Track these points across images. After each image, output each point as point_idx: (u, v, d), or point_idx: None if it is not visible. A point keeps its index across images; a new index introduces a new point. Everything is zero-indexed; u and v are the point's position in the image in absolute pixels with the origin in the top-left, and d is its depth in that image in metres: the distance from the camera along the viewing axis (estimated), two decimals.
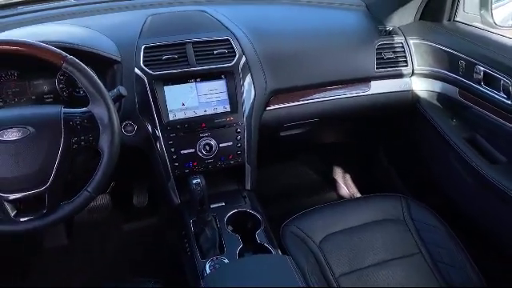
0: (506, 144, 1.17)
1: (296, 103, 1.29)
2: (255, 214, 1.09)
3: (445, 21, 1.36)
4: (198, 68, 1.12)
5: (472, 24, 1.30)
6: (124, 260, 1.58)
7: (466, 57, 1.20)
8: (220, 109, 1.15)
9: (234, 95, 1.15)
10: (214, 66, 1.14)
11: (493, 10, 1.27)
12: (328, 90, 1.32)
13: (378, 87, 1.38)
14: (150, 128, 1.10)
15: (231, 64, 1.15)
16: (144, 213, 1.72)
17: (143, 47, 1.11)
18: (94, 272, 1.54)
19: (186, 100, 1.13)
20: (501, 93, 1.10)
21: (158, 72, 1.09)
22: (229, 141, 1.14)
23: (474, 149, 1.24)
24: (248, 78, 1.17)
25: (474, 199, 1.29)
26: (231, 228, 1.05)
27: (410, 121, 1.47)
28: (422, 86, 1.39)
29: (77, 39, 1.03)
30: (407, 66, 1.38)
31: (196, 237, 1.01)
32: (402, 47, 1.38)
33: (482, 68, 1.15)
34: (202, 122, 1.12)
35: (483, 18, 1.28)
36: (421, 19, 1.42)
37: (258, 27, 1.28)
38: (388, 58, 1.36)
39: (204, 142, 1.11)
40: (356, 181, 1.87)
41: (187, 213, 1.09)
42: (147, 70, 1.09)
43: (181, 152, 1.11)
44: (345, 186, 1.91)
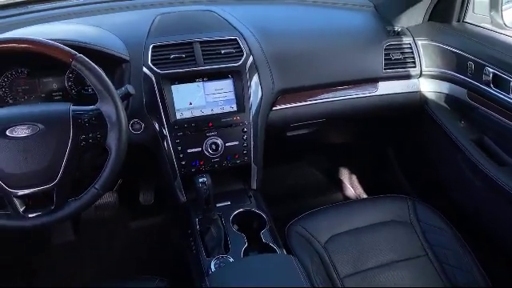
0: None
1: (303, 103, 1.28)
2: (261, 214, 1.09)
3: (454, 22, 1.35)
4: (206, 67, 1.13)
5: (481, 25, 1.29)
6: (130, 257, 1.59)
7: (475, 58, 1.20)
8: (227, 108, 1.15)
9: (241, 95, 1.15)
10: (222, 66, 1.14)
11: (503, 11, 1.26)
12: (335, 91, 1.32)
13: (386, 88, 1.37)
14: (158, 126, 1.10)
15: (238, 64, 1.15)
16: (150, 211, 1.73)
17: (151, 46, 1.12)
18: (101, 268, 1.56)
19: (194, 99, 1.13)
20: (510, 94, 1.09)
21: (166, 71, 1.10)
22: (235, 140, 1.15)
23: (482, 151, 1.23)
24: (255, 78, 1.17)
25: (482, 201, 1.28)
26: (236, 227, 1.05)
27: (418, 122, 1.46)
28: (430, 88, 1.39)
29: (86, 38, 1.04)
30: (415, 67, 1.37)
31: (201, 235, 1.01)
32: (411, 48, 1.37)
33: (492, 69, 1.14)
34: (209, 122, 1.13)
35: (493, 19, 1.27)
36: (430, 20, 1.42)
37: (266, 27, 1.28)
38: (396, 59, 1.35)
39: (211, 141, 1.12)
40: (362, 182, 1.86)
41: (193, 211, 1.09)
42: (155, 69, 1.09)
43: (187, 151, 1.11)
44: (351, 187, 1.91)
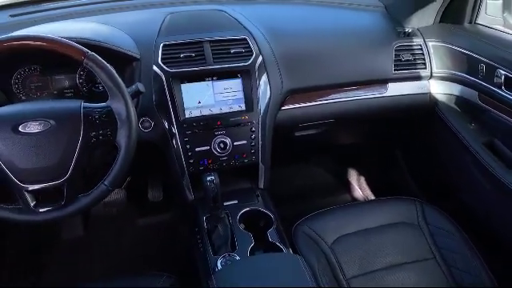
0: None
1: (312, 103, 1.28)
2: (268, 213, 1.09)
3: (466, 23, 1.34)
4: (215, 66, 1.13)
5: (494, 27, 1.28)
6: (138, 254, 1.61)
7: (487, 60, 1.18)
8: (235, 107, 1.16)
9: (250, 94, 1.16)
10: (231, 65, 1.15)
11: None
12: (344, 91, 1.32)
13: (396, 89, 1.36)
14: (167, 125, 1.11)
15: (248, 63, 1.15)
16: (158, 208, 1.75)
17: (162, 45, 1.13)
18: (109, 264, 1.57)
19: (203, 98, 1.14)
20: None
21: (176, 70, 1.11)
22: (243, 139, 1.15)
23: (493, 154, 1.21)
24: (264, 78, 1.17)
25: (491, 205, 1.26)
26: (243, 226, 1.06)
27: (428, 124, 1.45)
28: (441, 89, 1.38)
29: (98, 36, 1.05)
30: (425, 69, 1.36)
31: (208, 233, 1.02)
32: (421, 49, 1.37)
33: (504, 72, 1.12)
34: (218, 120, 1.13)
35: (506, 21, 1.26)
36: (441, 21, 1.41)
37: (276, 27, 1.28)
38: (406, 60, 1.34)
39: (219, 140, 1.13)
40: (370, 183, 1.85)
41: (201, 209, 1.10)
42: (165, 68, 1.10)
43: (196, 149, 1.12)
44: (359, 188, 1.90)
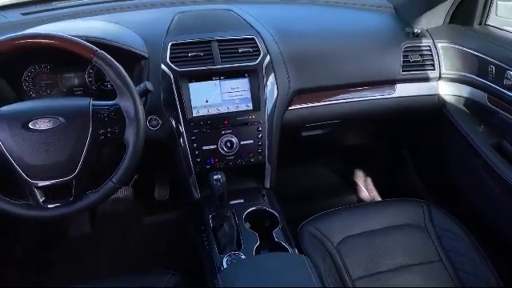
0: None
1: (319, 103, 1.28)
2: (273, 213, 1.09)
3: (476, 24, 1.33)
4: (223, 66, 1.14)
5: (504, 28, 1.27)
6: (144, 252, 1.62)
7: (497, 62, 1.17)
8: (242, 107, 1.16)
9: (257, 94, 1.16)
10: (238, 65, 1.15)
11: None
12: (352, 92, 1.32)
13: (404, 90, 1.36)
14: (174, 123, 1.12)
15: (255, 63, 1.16)
16: (165, 206, 1.76)
17: (170, 44, 1.13)
18: (116, 261, 1.59)
19: (210, 97, 1.14)
20: None
21: (184, 69, 1.11)
22: (250, 139, 1.15)
23: (502, 156, 1.20)
24: (271, 77, 1.18)
25: (500, 208, 1.25)
26: (249, 225, 1.06)
27: (435, 125, 1.44)
28: (449, 91, 1.37)
29: (107, 34, 1.06)
30: (434, 70, 1.35)
31: (214, 232, 1.02)
32: (430, 50, 1.36)
33: None
34: (225, 119, 1.13)
35: None
36: (450, 22, 1.40)
37: (284, 27, 1.28)
38: (414, 61, 1.34)
39: (226, 139, 1.13)
40: (377, 184, 1.85)
41: (207, 208, 1.10)
42: (173, 67, 1.11)
43: (203, 148, 1.13)
44: (365, 190, 1.89)
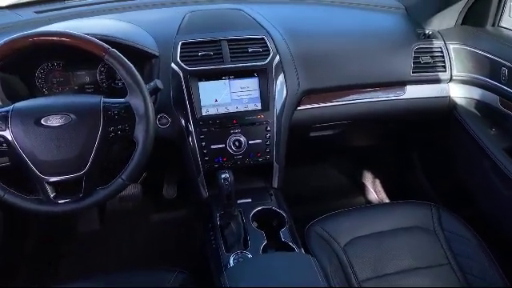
0: None
1: (328, 104, 1.28)
2: (281, 213, 1.09)
3: (488, 26, 1.31)
4: (232, 65, 1.14)
5: None
6: (152, 249, 1.63)
7: (510, 64, 1.16)
8: (251, 106, 1.16)
9: (266, 93, 1.16)
10: (248, 64, 1.15)
11: None
12: (362, 93, 1.31)
13: (414, 92, 1.35)
14: (184, 122, 1.12)
15: (265, 62, 1.16)
16: (172, 204, 1.77)
17: (180, 43, 1.14)
18: (124, 258, 1.60)
19: (219, 96, 1.15)
20: None
21: (194, 68, 1.12)
22: (258, 138, 1.15)
23: None
24: (281, 77, 1.17)
25: (510, 212, 1.23)
26: (256, 224, 1.06)
27: (446, 127, 1.43)
28: (460, 93, 1.35)
29: (119, 33, 1.07)
30: (445, 72, 1.34)
31: (222, 230, 1.03)
32: (441, 52, 1.34)
33: None
34: (234, 119, 1.14)
35: None
36: (463, 24, 1.38)
37: (294, 27, 1.28)
38: (425, 63, 1.33)
39: (234, 138, 1.13)
40: (385, 186, 1.83)
41: (215, 206, 1.11)
42: (183, 66, 1.12)
43: (211, 147, 1.13)
44: (374, 191, 1.88)
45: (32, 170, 0.84)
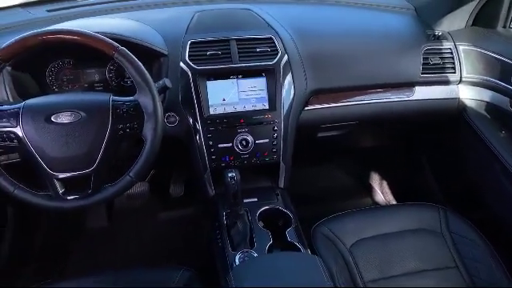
0: None
1: (336, 104, 1.28)
2: (287, 212, 1.10)
3: (499, 27, 1.30)
4: (241, 65, 1.14)
5: None
6: (159, 247, 1.64)
7: None
8: (259, 106, 1.16)
9: (274, 93, 1.16)
10: (256, 64, 1.15)
11: None
12: (370, 93, 1.30)
13: (423, 93, 1.34)
14: (191, 121, 1.13)
15: (273, 62, 1.16)
16: (179, 203, 1.78)
17: (189, 42, 1.15)
18: (131, 255, 1.61)
19: (227, 96, 1.15)
20: None
21: (202, 67, 1.12)
22: (265, 138, 1.16)
23: None
24: (289, 77, 1.18)
25: None
26: (262, 224, 1.06)
27: (455, 130, 1.42)
28: (470, 95, 1.34)
29: (128, 32, 1.08)
30: (455, 73, 1.33)
31: (228, 229, 1.03)
32: (451, 53, 1.33)
33: None
34: (241, 118, 1.14)
35: None
36: (473, 25, 1.37)
37: (303, 27, 1.28)
38: (435, 64, 1.32)
39: (241, 138, 1.14)
40: (393, 188, 1.82)
41: (221, 205, 1.11)
42: (192, 65, 1.12)
43: (218, 146, 1.14)
44: (381, 193, 1.87)
45: (42, 166, 0.85)
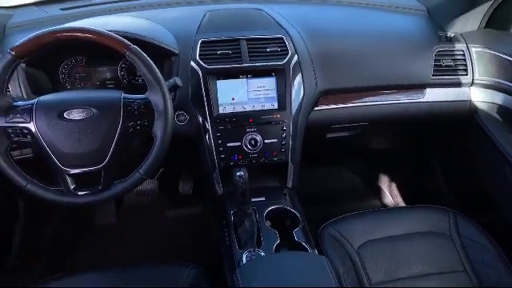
0: None
1: (345, 105, 1.27)
2: (294, 212, 1.10)
3: None
4: (250, 64, 1.15)
5: None
6: (167, 244, 1.65)
7: None
8: (268, 105, 1.17)
9: (283, 93, 1.16)
10: (266, 64, 1.16)
11: None
12: (380, 94, 1.30)
13: (434, 95, 1.32)
14: (201, 119, 1.14)
15: (283, 62, 1.16)
16: (188, 201, 1.79)
17: (200, 42, 1.15)
18: (139, 252, 1.63)
19: (237, 95, 1.16)
20: None
21: (213, 66, 1.13)
22: (274, 138, 1.16)
23: None
24: (298, 77, 1.18)
25: None
26: (269, 223, 1.06)
27: (466, 132, 1.40)
28: (482, 97, 1.32)
29: (140, 30, 1.09)
30: (467, 75, 1.32)
31: (235, 227, 1.04)
32: (463, 55, 1.32)
33: None
34: (250, 117, 1.15)
35: None
36: (486, 27, 1.35)
37: (313, 27, 1.28)
38: (446, 66, 1.30)
39: (250, 137, 1.14)
40: (402, 190, 1.81)
41: (229, 203, 1.12)
42: (202, 64, 1.13)
43: (227, 144, 1.14)
44: (389, 195, 1.86)
45: (53, 162, 0.86)
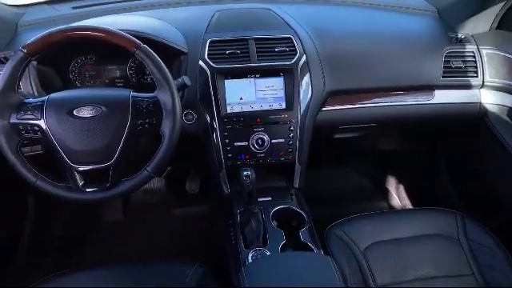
0: None
1: (353, 106, 1.27)
2: (301, 213, 1.09)
3: None
4: (259, 64, 1.15)
5: None
6: (173, 242, 1.66)
7: None
8: (276, 105, 1.17)
9: (291, 93, 1.16)
10: (274, 63, 1.16)
11: None
12: (388, 96, 1.29)
13: (443, 97, 1.31)
14: (209, 118, 1.14)
15: (291, 62, 1.16)
16: (194, 200, 1.80)
17: (209, 41, 1.16)
18: (145, 250, 1.64)
19: (244, 94, 1.16)
20: None
21: (221, 66, 1.14)
22: (281, 137, 1.16)
23: None
24: (306, 77, 1.17)
25: None
26: (276, 223, 1.07)
27: (475, 134, 1.39)
28: (492, 100, 1.31)
29: (150, 29, 1.10)
30: (477, 77, 1.30)
31: (241, 227, 1.04)
32: (474, 57, 1.31)
33: None
34: (257, 117, 1.15)
35: None
36: (498, 28, 1.34)
37: (322, 27, 1.28)
38: (456, 67, 1.29)
39: (257, 137, 1.14)
40: (410, 192, 1.80)
41: (235, 203, 1.12)
42: (211, 63, 1.13)
43: (234, 144, 1.14)
44: (397, 197, 1.85)
45: (63, 159, 0.87)
